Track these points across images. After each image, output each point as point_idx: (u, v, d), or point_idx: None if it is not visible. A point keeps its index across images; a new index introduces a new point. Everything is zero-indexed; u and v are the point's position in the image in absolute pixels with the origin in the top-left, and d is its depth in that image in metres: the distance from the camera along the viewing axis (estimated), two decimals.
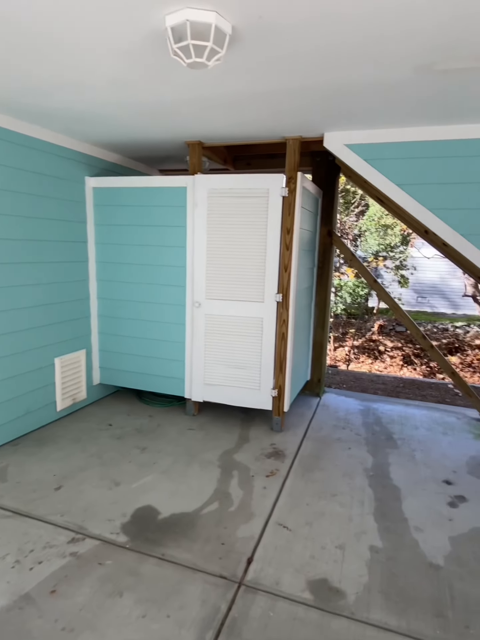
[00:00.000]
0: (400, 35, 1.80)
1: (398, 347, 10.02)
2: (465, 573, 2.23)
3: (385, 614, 1.97)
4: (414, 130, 3.07)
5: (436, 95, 2.43)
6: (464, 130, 2.98)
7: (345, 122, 3.02)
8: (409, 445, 3.61)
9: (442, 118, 2.84)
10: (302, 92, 2.48)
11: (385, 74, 2.19)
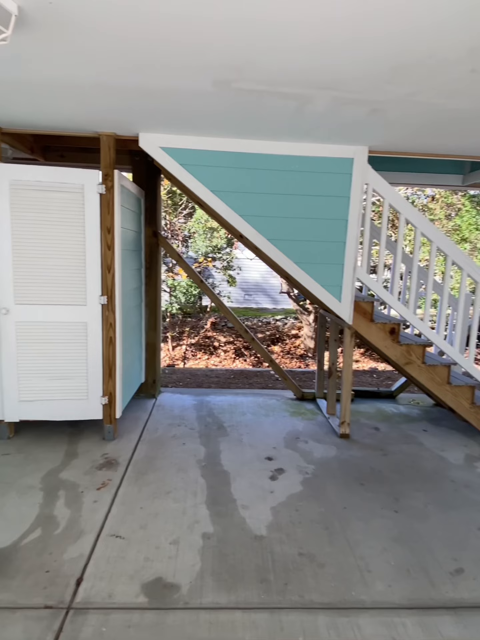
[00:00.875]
0: (196, 48, 1.91)
1: (230, 341, 10.74)
2: (284, 536, 2.53)
3: (216, 594, 2.10)
4: (225, 141, 3.32)
5: (239, 110, 2.67)
6: (269, 146, 3.35)
7: (159, 125, 3.07)
8: (237, 430, 3.92)
9: (246, 132, 3.14)
10: (110, 90, 2.42)
11: (187, 83, 2.30)
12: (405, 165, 4.54)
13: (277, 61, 1.99)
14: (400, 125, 2.82)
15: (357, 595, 2.12)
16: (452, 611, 2.05)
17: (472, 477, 3.30)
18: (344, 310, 3.66)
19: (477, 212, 10.21)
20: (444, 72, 2.02)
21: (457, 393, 3.97)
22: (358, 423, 4.28)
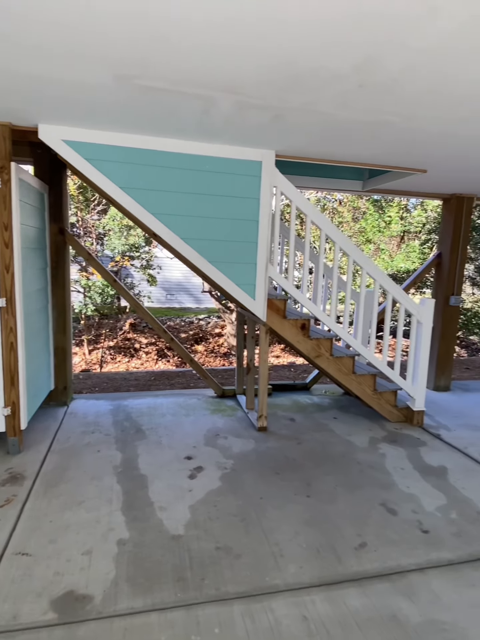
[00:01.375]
0: (96, 41, 1.85)
1: (152, 342, 10.53)
2: (202, 533, 2.56)
3: (131, 599, 2.06)
4: (134, 137, 3.24)
5: (143, 107, 2.63)
6: (180, 145, 3.33)
7: (61, 117, 2.91)
8: (156, 433, 3.86)
9: (155, 130, 3.10)
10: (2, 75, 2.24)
11: (87, 75, 2.21)
12: (312, 170, 4.81)
13: (178, 60, 1.99)
14: (302, 132, 2.98)
15: (270, 581, 2.22)
16: (356, 583, 2.23)
17: (375, 458, 3.61)
18: (258, 308, 3.78)
19: (379, 215, 11.12)
20: (335, 85, 2.18)
21: (361, 381, 4.31)
22: (275, 415, 4.45)
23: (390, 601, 2.11)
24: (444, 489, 3.16)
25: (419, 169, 3.94)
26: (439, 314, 5.51)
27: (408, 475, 3.33)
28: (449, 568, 2.35)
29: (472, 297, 12.00)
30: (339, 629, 1.94)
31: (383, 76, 2.05)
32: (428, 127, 2.76)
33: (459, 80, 2.07)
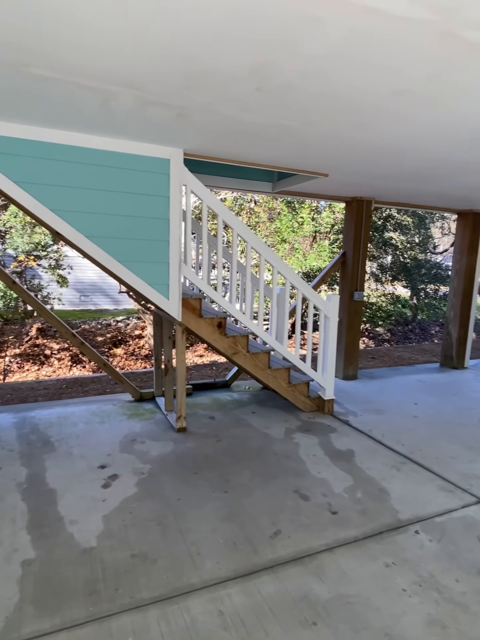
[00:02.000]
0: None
1: (65, 348, 9.93)
2: (116, 542, 2.47)
3: (38, 622, 1.92)
4: (29, 129, 3.01)
5: (35, 97, 2.46)
6: (82, 139, 3.16)
7: None
8: (67, 444, 3.65)
9: (51, 122, 2.91)
10: None
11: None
12: (224, 171, 4.87)
13: (69, 52, 1.89)
14: (207, 131, 3.00)
15: (187, 580, 2.21)
16: (271, 570, 2.31)
17: (290, 447, 3.77)
18: (173, 307, 3.74)
19: (292, 216, 11.62)
20: (233, 87, 2.23)
21: (277, 375, 4.47)
22: (195, 415, 4.44)
23: (302, 583, 2.22)
24: (351, 470, 3.40)
25: (321, 172, 4.18)
26: (345, 309, 5.91)
27: (319, 462, 3.53)
28: (354, 544, 2.53)
29: (376, 292, 13.06)
30: (254, 617, 1.99)
31: (279, 81, 2.14)
32: (325, 133, 2.94)
33: (349, 89, 2.23)
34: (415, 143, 3.10)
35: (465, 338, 6.71)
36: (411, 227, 12.93)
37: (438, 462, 3.57)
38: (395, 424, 4.39)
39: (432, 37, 1.71)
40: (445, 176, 4.18)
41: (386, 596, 2.15)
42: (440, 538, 2.60)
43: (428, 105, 2.38)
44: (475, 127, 2.72)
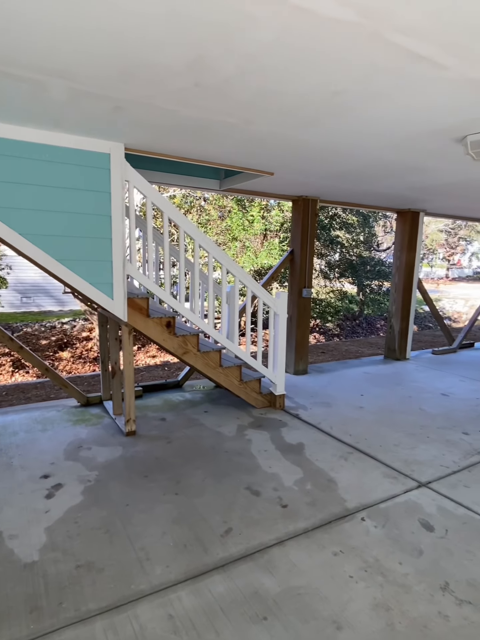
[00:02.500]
0: None
1: (6, 353, 9.38)
2: (60, 554, 2.36)
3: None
4: None
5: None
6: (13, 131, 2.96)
7: None
8: (6, 454, 3.44)
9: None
10: None
11: None
12: (171, 167, 4.78)
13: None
14: (147, 126, 2.93)
15: (136, 587, 2.15)
16: (222, 569, 2.30)
17: (242, 444, 3.78)
18: (117, 307, 3.63)
19: (242, 214, 11.68)
20: (171, 81, 2.18)
21: (228, 373, 4.47)
22: (145, 417, 4.35)
23: (253, 579, 2.23)
24: (301, 463, 3.47)
25: (267, 171, 4.22)
26: (295, 305, 6.03)
27: (271, 456, 3.57)
28: (304, 536, 2.58)
29: (325, 288, 13.45)
30: (204, 618, 1.98)
31: (217, 77, 2.12)
32: (267, 131, 2.96)
33: (288, 88, 2.26)
34: (352, 143, 3.20)
35: (406, 331, 7.06)
36: (356, 225, 13.42)
37: (382, 450, 3.73)
38: (343, 415, 4.54)
39: (362, 39, 1.76)
40: (383, 176, 4.36)
41: (334, 584, 2.21)
42: (384, 523, 2.71)
43: (363, 106, 2.46)
44: (406, 129, 2.85)
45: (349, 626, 1.96)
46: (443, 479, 3.26)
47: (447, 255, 31.74)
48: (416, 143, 3.14)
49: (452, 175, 4.26)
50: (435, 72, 2.03)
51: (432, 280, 28.80)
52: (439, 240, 26.94)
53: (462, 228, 26.30)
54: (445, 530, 2.65)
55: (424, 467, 3.44)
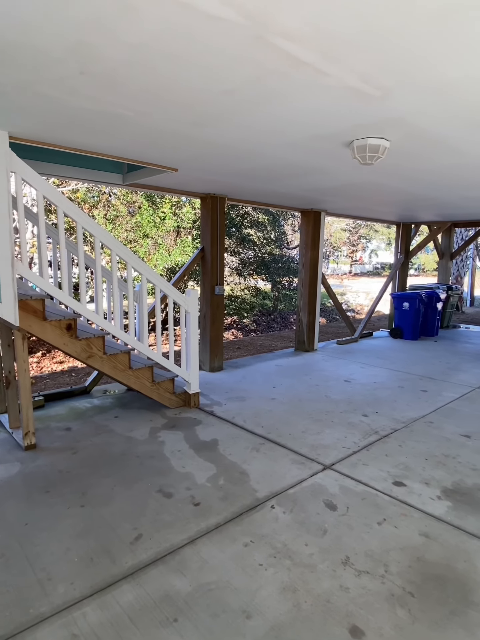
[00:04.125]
0: None
1: None
2: None
3: None
4: None
5: None
6: None
7: None
8: None
9: None
10: None
11: None
12: (67, 159, 4.48)
13: None
14: (34, 114, 2.71)
15: (35, 611, 1.99)
16: (130, 577, 2.22)
17: (154, 447, 3.70)
18: (7, 311, 3.32)
19: (153, 211, 11.42)
20: (53, 67, 2.03)
21: (139, 375, 4.34)
22: (48, 429, 4.05)
23: (163, 582, 2.19)
24: (215, 459, 3.49)
25: (170, 167, 4.16)
26: (208, 303, 6.04)
27: (184, 456, 3.54)
28: (216, 531, 2.60)
29: (240, 285, 13.71)
30: (112, 631, 1.89)
31: (102, 66, 2.02)
32: (162, 126, 2.90)
33: (178, 84, 2.23)
34: (253, 141, 3.28)
35: (313, 323, 7.47)
36: (267, 224, 13.86)
37: (292, 438, 3.90)
38: (256, 408, 4.66)
39: (247, 40, 1.79)
40: (287, 176, 4.54)
41: (244, 575, 2.25)
42: (292, 508, 2.83)
43: (254, 106, 2.52)
44: (301, 131, 2.99)
45: (258, 613, 2.01)
46: (345, 459, 3.50)
47: (350, 252, 34.25)
48: (313, 144, 3.31)
49: (348, 177, 4.58)
50: (317, 78, 2.14)
51: (338, 276, 30.87)
52: (342, 239, 28.93)
53: (362, 227, 28.56)
54: (346, 507, 2.85)
55: (329, 450, 3.66)
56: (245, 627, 1.93)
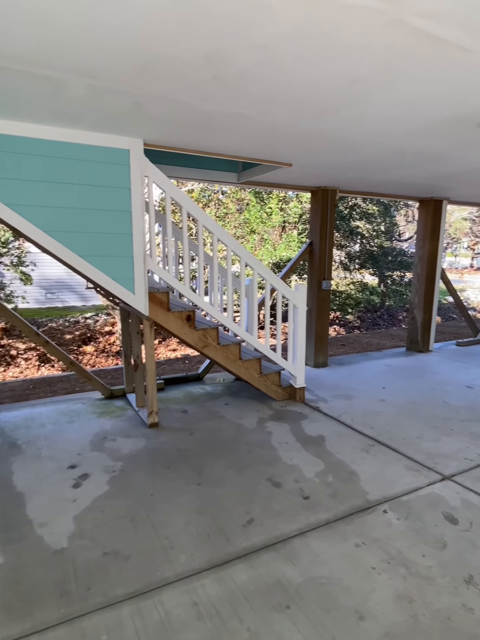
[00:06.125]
0: None
1: (32, 347, 9.64)
2: (88, 542, 2.43)
3: (7, 628, 1.88)
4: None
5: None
6: (35, 130, 3.03)
7: None
8: (35, 445, 3.56)
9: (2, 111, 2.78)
10: None
11: None
12: (188, 161, 4.79)
13: (11, 36, 1.80)
14: (166, 121, 2.94)
15: (161, 574, 2.21)
16: (244, 558, 2.33)
17: (262, 436, 3.81)
18: (139, 302, 3.68)
19: (260, 207, 11.62)
20: (189, 75, 2.18)
21: (248, 366, 4.49)
22: (168, 410, 4.42)
23: (275, 568, 2.25)
24: (322, 455, 3.47)
25: (285, 162, 4.19)
26: (314, 298, 5.99)
27: (291, 448, 3.58)
28: (326, 527, 2.59)
29: (345, 280, 13.28)
30: (228, 605, 2.02)
31: (234, 69, 2.11)
32: (284, 122, 2.93)
33: (305, 78, 2.23)
34: (373, 131, 3.14)
35: (429, 322, 6.93)
36: (377, 215, 13.17)
37: (405, 443, 3.69)
38: (364, 408, 4.50)
39: (381, 25, 1.72)
40: (404, 165, 4.26)
41: (356, 575, 2.21)
42: (407, 516, 2.69)
43: (383, 93, 2.41)
44: (427, 116, 2.78)
45: (371, 616, 1.96)
46: (467, 472, 3.21)
47: (472, 244, 30.86)
48: (438, 130, 3.06)
49: (477, 162, 4.14)
50: (458, 56, 1.97)
51: (457, 270, 28.09)
52: (463, 229, 26.20)
53: None
54: (469, 523, 2.62)
55: (448, 459, 3.39)
56: (358, 628, 1.91)
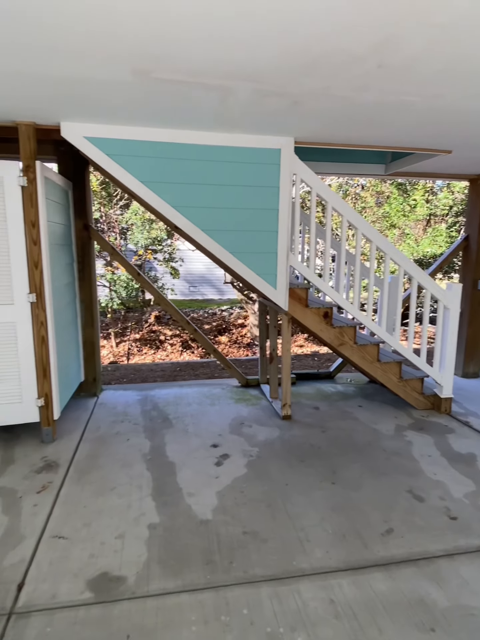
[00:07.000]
0: (110, 37, 1.88)
1: (176, 334, 10.68)
2: (229, 518, 2.62)
3: (163, 581, 2.14)
4: (153, 131, 3.26)
5: (161, 100, 2.65)
6: (198, 136, 3.33)
7: (82, 114, 2.97)
8: (182, 421, 3.95)
9: (173, 122, 3.12)
10: (29, 78, 2.30)
11: (106, 73, 2.25)
12: (332, 156, 4.73)
13: (194, 52, 2.00)
14: (320, 117, 2.94)
15: (297, 564, 2.26)
16: (383, 568, 2.24)
17: (401, 445, 3.58)
18: (280, 297, 3.78)
19: (403, 199, 10.84)
20: (353, 67, 2.14)
21: (387, 369, 4.26)
22: (299, 404, 4.46)
23: (417, 586, 2.11)
24: (473, 475, 3.11)
25: (443, 149, 3.82)
26: (467, 299, 5.37)
27: (435, 462, 3.30)
28: (479, 554, 2.33)
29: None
30: (366, 611, 1.96)
31: (404, 55, 2.00)
32: (450, 106, 2.67)
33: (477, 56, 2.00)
34: None
35: None
36: None
37: None
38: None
39: None
40: None
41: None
42: None
43: None
44: None
45: None
46: None
47: None
48: None
49: None
50: None
51: None
52: None
53: None
54: None
55: None
56: None
